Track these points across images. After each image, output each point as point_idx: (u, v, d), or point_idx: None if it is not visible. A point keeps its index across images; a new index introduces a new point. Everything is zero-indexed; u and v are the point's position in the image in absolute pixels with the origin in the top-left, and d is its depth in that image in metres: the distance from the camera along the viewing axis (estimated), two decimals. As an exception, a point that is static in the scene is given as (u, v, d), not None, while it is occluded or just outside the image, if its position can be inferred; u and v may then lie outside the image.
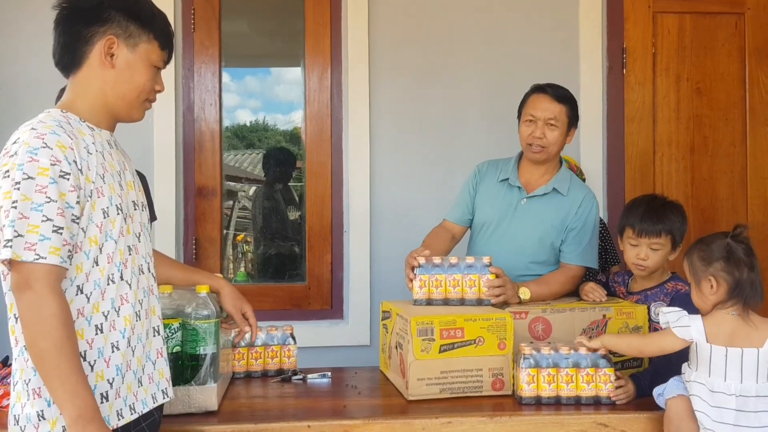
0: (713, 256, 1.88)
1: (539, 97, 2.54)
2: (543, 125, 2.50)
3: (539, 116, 2.50)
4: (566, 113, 2.52)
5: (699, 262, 1.90)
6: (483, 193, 2.66)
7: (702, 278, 1.90)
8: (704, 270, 1.89)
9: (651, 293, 2.37)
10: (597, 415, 1.96)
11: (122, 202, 1.58)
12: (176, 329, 1.93)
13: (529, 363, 2.02)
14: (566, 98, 2.54)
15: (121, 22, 1.58)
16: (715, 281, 1.87)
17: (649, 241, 2.29)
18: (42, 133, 1.45)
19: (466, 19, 3.55)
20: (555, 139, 2.51)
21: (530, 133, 2.52)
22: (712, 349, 1.84)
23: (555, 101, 2.51)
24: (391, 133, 3.52)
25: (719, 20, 3.62)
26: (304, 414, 1.96)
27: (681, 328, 1.86)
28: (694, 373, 1.87)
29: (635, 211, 2.34)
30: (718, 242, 1.90)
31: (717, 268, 1.87)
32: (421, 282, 2.29)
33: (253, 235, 3.94)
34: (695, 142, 3.62)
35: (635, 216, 2.33)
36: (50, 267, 1.39)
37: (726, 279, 1.86)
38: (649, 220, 2.30)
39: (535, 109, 2.52)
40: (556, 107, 2.51)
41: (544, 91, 2.54)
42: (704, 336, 1.85)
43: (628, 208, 2.40)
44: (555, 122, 2.50)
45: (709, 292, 1.89)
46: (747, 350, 1.82)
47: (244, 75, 3.91)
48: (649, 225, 2.29)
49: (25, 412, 1.45)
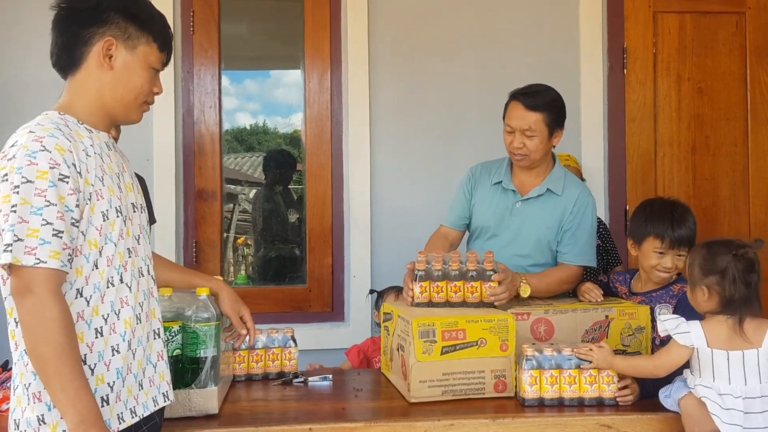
0: (712, 268, 1.88)
1: (514, 106, 2.47)
2: (521, 135, 2.45)
3: (515, 126, 2.45)
4: (543, 120, 2.43)
5: (698, 269, 1.91)
6: (478, 197, 2.64)
7: (697, 285, 1.91)
8: (700, 279, 1.90)
9: (656, 295, 2.36)
10: (600, 417, 1.95)
11: (121, 205, 1.57)
12: (176, 332, 1.91)
13: (532, 364, 2.01)
14: (542, 105, 2.44)
15: (120, 24, 1.57)
16: (708, 292, 1.88)
17: (677, 251, 2.29)
18: (40, 136, 1.44)
19: (465, 19, 3.54)
20: (535, 147, 2.45)
21: (510, 143, 2.48)
22: (714, 353, 1.83)
23: (528, 110, 2.43)
24: (392, 134, 3.52)
25: (720, 19, 3.61)
26: (305, 417, 1.94)
27: (681, 335, 1.86)
28: (698, 378, 1.87)
29: (663, 221, 2.31)
30: (722, 256, 1.88)
31: (712, 281, 1.88)
32: (422, 288, 2.27)
33: (253, 238, 3.94)
34: (697, 141, 3.61)
35: (663, 225, 2.30)
36: (51, 271, 1.39)
37: (719, 293, 1.87)
38: (682, 230, 2.29)
39: (511, 119, 2.47)
40: (531, 117, 2.43)
41: (518, 100, 2.47)
42: (705, 341, 1.84)
43: (649, 215, 2.36)
44: (531, 132, 2.43)
45: (702, 299, 1.90)
46: (747, 352, 1.82)
47: (243, 77, 3.91)
48: (685, 238, 2.29)
49: (26, 416, 1.44)
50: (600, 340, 2.18)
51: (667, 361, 1.91)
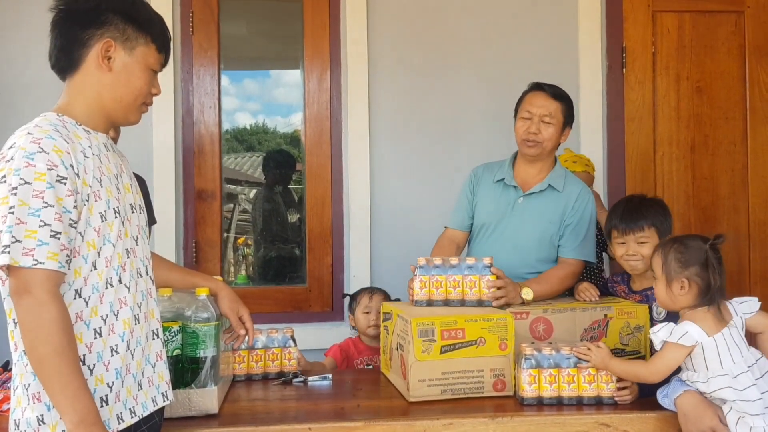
0: (691, 260, 1.92)
1: (536, 95, 2.58)
2: (539, 121, 2.54)
3: (535, 112, 2.54)
4: (562, 111, 2.56)
5: (675, 263, 1.94)
6: (481, 195, 2.67)
7: (674, 278, 1.93)
8: (679, 272, 1.93)
9: (652, 293, 2.36)
10: (599, 415, 1.95)
11: (120, 206, 1.57)
12: (176, 332, 1.92)
13: (531, 363, 2.01)
14: (562, 97, 2.58)
15: (119, 25, 1.57)
16: (688, 284, 1.91)
17: (634, 237, 2.34)
18: (38, 138, 1.44)
19: (464, 19, 3.55)
20: (550, 135, 2.55)
21: (526, 129, 2.56)
22: (717, 340, 1.86)
23: (551, 98, 2.55)
24: (391, 134, 3.52)
25: (719, 19, 3.61)
26: (305, 416, 1.95)
27: (684, 337, 1.86)
28: (705, 373, 1.87)
29: (616, 213, 2.41)
30: (697, 247, 1.93)
31: (692, 272, 1.91)
32: (422, 283, 2.28)
33: (253, 238, 3.94)
34: (696, 140, 3.61)
35: (616, 216, 2.39)
36: (49, 272, 1.39)
37: (699, 284, 1.91)
38: (629, 216, 2.36)
39: (532, 106, 2.56)
40: (552, 104, 2.55)
41: (541, 89, 2.58)
42: (704, 334, 1.86)
43: (610, 213, 2.46)
44: (550, 119, 2.54)
45: (679, 293, 1.93)
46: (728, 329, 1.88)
47: (243, 78, 3.92)
48: (631, 220, 2.35)
49: (25, 416, 1.44)
50: (599, 339, 2.19)
51: (663, 365, 1.92)
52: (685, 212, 3.60)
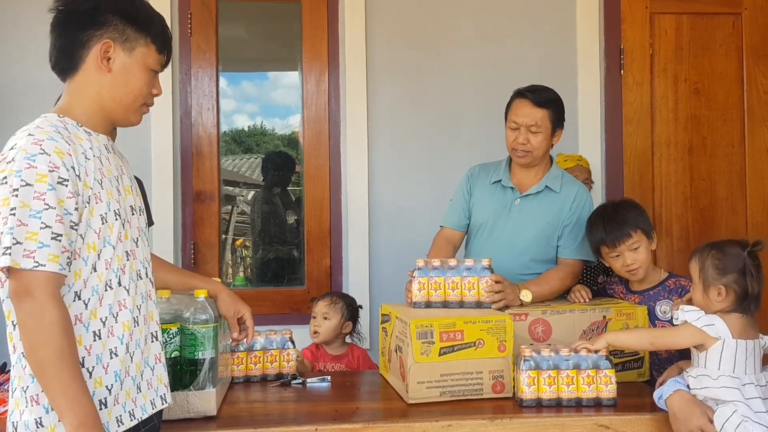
0: (729, 267, 1.90)
1: (521, 103, 2.54)
2: (526, 131, 2.51)
3: (521, 122, 2.51)
4: (548, 117, 2.52)
5: (712, 270, 1.92)
6: (477, 195, 2.67)
7: (712, 285, 1.92)
8: (717, 278, 1.91)
9: (653, 293, 2.38)
10: (598, 417, 1.95)
11: (120, 208, 1.57)
12: (174, 334, 1.92)
13: (530, 365, 2.01)
14: (548, 102, 2.53)
15: (118, 26, 1.57)
16: (725, 291, 1.90)
17: (626, 246, 2.33)
18: (39, 139, 1.44)
19: (463, 21, 3.55)
20: (539, 143, 2.52)
21: (514, 139, 2.53)
22: (738, 344, 1.85)
23: (536, 107, 2.51)
24: (390, 135, 3.52)
25: (717, 20, 3.62)
26: (303, 418, 1.95)
27: (708, 327, 1.86)
28: (716, 371, 1.86)
29: (596, 228, 2.39)
30: (735, 253, 1.91)
31: (730, 280, 1.90)
32: (420, 284, 2.28)
33: (251, 240, 3.94)
34: (694, 142, 3.62)
35: (599, 232, 2.37)
36: (49, 274, 1.39)
37: (736, 291, 1.89)
38: (612, 227, 2.34)
39: (517, 116, 2.53)
40: (538, 113, 2.50)
41: (525, 97, 2.53)
42: (730, 333, 1.86)
43: (589, 230, 2.44)
44: (537, 128, 2.50)
45: (716, 299, 1.91)
46: (755, 342, 1.87)
47: (241, 79, 3.91)
48: (617, 230, 2.33)
49: (24, 419, 1.44)
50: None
51: (671, 337, 1.94)
52: (683, 214, 3.60)
